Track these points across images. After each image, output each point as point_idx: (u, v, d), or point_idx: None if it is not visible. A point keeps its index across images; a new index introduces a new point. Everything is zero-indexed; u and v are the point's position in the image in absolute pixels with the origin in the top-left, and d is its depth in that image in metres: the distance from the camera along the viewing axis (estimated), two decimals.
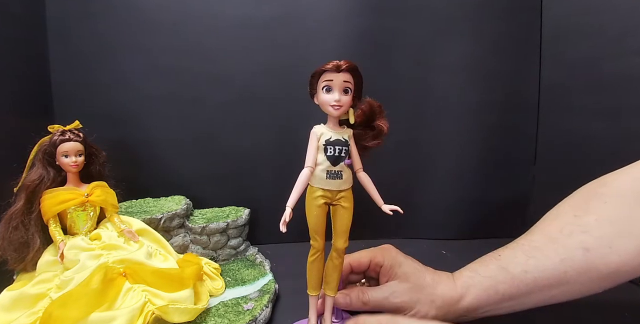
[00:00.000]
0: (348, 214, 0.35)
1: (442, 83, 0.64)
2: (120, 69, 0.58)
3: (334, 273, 0.36)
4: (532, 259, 0.35)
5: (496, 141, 0.67)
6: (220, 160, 0.62)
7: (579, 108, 0.58)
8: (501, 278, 0.36)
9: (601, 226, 0.33)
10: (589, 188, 0.37)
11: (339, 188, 0.34)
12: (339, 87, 0.33)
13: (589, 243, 0.33)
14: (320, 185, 0.34)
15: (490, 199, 0.67)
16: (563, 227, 0.35)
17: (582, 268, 0.33)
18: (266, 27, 0.60)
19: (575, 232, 0.34)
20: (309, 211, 0.34)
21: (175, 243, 0.53)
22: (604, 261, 0.32)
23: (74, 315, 0.33)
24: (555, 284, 0.34)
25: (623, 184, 0.34)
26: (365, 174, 0.36)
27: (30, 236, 0.41)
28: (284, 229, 0.32)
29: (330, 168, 0.34)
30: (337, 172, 0.34)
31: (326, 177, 0.34)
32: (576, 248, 0.33)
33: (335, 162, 0.34)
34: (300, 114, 0.61)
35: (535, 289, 0.34)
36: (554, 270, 0.34)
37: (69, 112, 0.56)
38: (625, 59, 0.50)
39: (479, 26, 0.64)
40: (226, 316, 0.41)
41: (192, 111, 0.61)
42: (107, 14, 0.57)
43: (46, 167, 0.42)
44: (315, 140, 0.34)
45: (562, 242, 0.34)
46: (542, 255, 0.35)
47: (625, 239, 0.32)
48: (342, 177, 0.34)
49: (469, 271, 0.38)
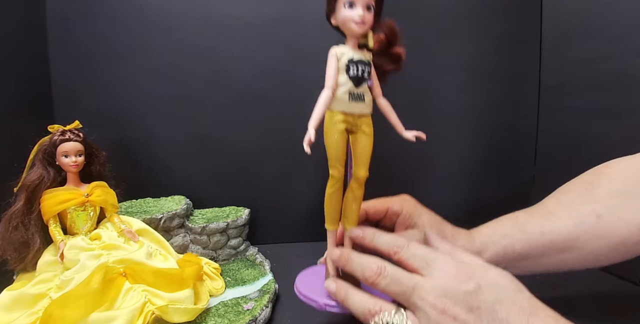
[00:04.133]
0: (369, 141, 0.32)
1: (442, 83, 0.64)
2: (120, 69, 0.58)
3: (353, 204, 0.33)
4: (548, 222, 0.36)
5: (496, 141, 0.67)
6: (220, 160, 0.62)
7: (579, 108, 0.58)
8: (518, 237, 0.37)
9: (611, 198, 0.35)
10: (595, 170, 0.39)
11: (361, 112, 0.32)
12: (362, 3, 0.30)
13: (600, 211, 0.35)
14: (341, 108, 0.31)
15: (490, 199, 0.67)
16: (575, 197, 0.37)
17: (594, 234, 0.35)
18: (266, 27, 0.60)
19: (587, 202, 0.36)
20: (329, 137, 0.31)
21: (175, 243, 0.53)
22: (613, 229, 0.34)
23: (74, 315, 0.33)
24: (568, 248, 0.35)
25: (626, 166, 0.36)
26: (385, 100, 0.33)
27: (30, 236, 0.40)
28: (309, 150, 0.29)
29: (352, 90, 0.31)
30: (360, 94, 0.31)
31: (349, 100, 0.31)
32: (589, 215, 0.35)
33: (359, 83, 0.31)
34: (300, 114, 0.61)
35: (550, 251, 0.36)
36: (568, 234, 0.35)
37: (69, 112, 0.56)
38: (625, 59, 0.50)
39: (479, 26, 0.64)
40: (226, 316, 0.41)
41: (192, 111, 0.61)
42: (107, 14, 0.57)
43: (46, 167, 0.42)
44: (335, 60, 0.31)
45: (575, 209, 0.36)
46: (557, 219, 0.36)
47: (632, 213, 0.34)
48: (365, 100, 0.32)
49: (487, 228, 0.39)
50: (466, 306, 0.25)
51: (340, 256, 0.32)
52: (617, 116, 0.52)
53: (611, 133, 0.53)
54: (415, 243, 0.30)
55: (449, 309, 0.25)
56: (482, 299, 0.25)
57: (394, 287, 0.28)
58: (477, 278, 0.27)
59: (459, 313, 0.25)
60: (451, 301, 0.25)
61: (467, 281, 0.26)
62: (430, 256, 0.29)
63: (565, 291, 0.47)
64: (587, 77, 0.57)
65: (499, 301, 0.25)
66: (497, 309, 0.25)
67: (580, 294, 0.47)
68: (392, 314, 0.27)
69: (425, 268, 0.28)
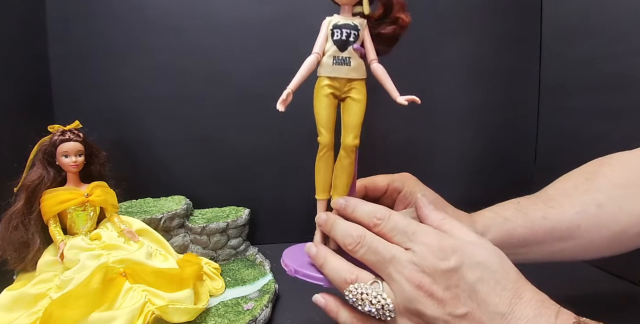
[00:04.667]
0: (359, 107, 0.32)
1: (442, 83, 0.64)
2: (120, 69, 0.58)
3: (342, 175, 0.32)
4: (550, 209, 0.36)
5: (496, 141, 0.67)
6: (220, 160, 0.62)
7: (579, 108, 0.58)
8: (521, 222, 0.36)
9: (612, 188, 0.35)
10: (596, 161, 0.38)
11: (346, 75, 0.31)
12: None
13: (601, 200, 0.34)
14: (326, 73, 0.31)
15: (490, 199, 0.67)
16: (577, 185, 0.36)
17: (595, 223, 0.34)
18: (266, 27, 0.60)
19: (589, 190, 0.35)
20: (316, 101, 0.32)
21: (175, 243, 0.53)
22: (614, 219, 0.34)
23: (74, 315, 0.33)
24: (568, 236, 0.35)
25: (628, 158, 0.36)
26: (380, 65, 0.32)
27: (30, 236, 0.40)
28: (281, 107, 0.30)
29: (337, 54, 0.31)
30: (344, 58, 0.31)
31: (332, 64, 0.31)
32: (590, 203, 0.35)
33: (342, 47, 0.31)
34: (300, 114, 0.61)
35: (550, 238, 0.35)
36: (569, 222, 0.35)
37: (69, 112, 0.56)
38: (625, 59, 0.50)
39: (479, 26, 0.64)
40: (226, 316, 0.41)
41: (192, 111, 0.61)
42: (107, 14, 0.57)
43: (46, 167, 0.42)
44: (326, 28, 0.32)
45: (577, 197, 0.36)
46: (559, 206, 0.36)
47: (633, 203, 0.33)
48: (351, 64, 0.31)
49: (489, 212, 0.38)
50: (444, 284, 0.24)
51: (327, 220, 0.31)
52: (617, 116, 0.52)
53: (611, 133, 0.53)
54: (397, 215, 0.28)
55: (425, 285, 0.24)
56: (462, 277, 0.24)
57: (371, 256, 0.27)
58: (461, 254, 0.25)
59: (435, 290, 0.24)
60: (428, 277, 0.24)
61: (448, 257, 0.25)
62: (411, 229, 0.27)
63: (565, 290, 0.47)
64: (587, 77, 0.57)
65: (481, 281, 0.24)
66: (477, 289, 0.24)
67: (580, 294, 0.47)
68: (368, 284, 0.26)
69: (407, 242, 0.26)
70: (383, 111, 0.52)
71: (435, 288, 0.24)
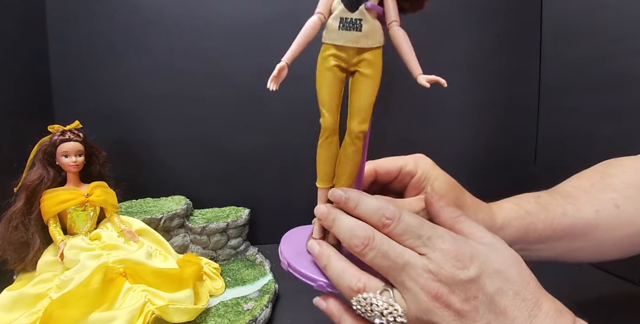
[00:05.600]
0: (368, 85, 0.26)
1: None
2: (120, 69, 0.58)
3: (345, 164, 0.28)
4: (569, 205, 0.34)
5: (496, 141, 0.67)
6: (220, 160, 0.62)
7: (579, 108, 0.58)
8: (542, 216, 0.34)
9: (626, 188, 0.34)
10: (606, 162, 0.38)
11: (356, 44, 0.25)
12: None
13: (619, 201, 0.34)
14: (331, 40, 0.25)
15: (490, 199, 0.67)
16: (594, 184, 0.36)
17: (613, 223, 0.33)
18: (266, 27, 0.60)
19: (606, 189, 0.35)
20: (318, 76, 0.26)
21: (175, 243, 0.53)
22: (631, 219, 0.33)
23: (74, 315, 0.33)
24: (586, 235, 0.34)
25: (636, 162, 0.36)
26: (401, 30, 0.26)
27: (30, 236, 0.41)
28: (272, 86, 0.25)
29: (344, 14, 0.24)
30: (353, 20, 0.24)
31: (338, 28, 0.24)
32: (609, 203, 0.34)
33: (352, 5, 0.24)
34: (300, 114, 0.61)
35: (568, 235, 0.34)
36: (588, 219, 0.34)
37: (69, 112, 0.56)
38: (625, 59, 0.50)
39: (479, 26, 0.64)
40: (226, 316, 0.41)
41: (192, 111, 0.61)
42: (107, 14, 0.57)
43: (46, 167, 0.42)
44: None
45: (595, 195, 0.35)
46: (579, 203, 0.34)
47: None
48: (362, 28, 0.24)
49: (510, 203, 0.36)
50: (462, 295, 0.22)
51: (327, 215, 0.27)
52: (617, 116, 0.52)
53: (611, 133, 0.53)
54: (408, 214, 0.25)
55: (443, 296, 0.22)
56: (481, 288, 0.23)
57: (381, 261, 0.24)
58: (479, 262, 0.23)
59: (453, 302, 0.22)
60: (446, 287, 0.23)
61: (467, 266, 0.23)
62: (425, 232, 0.24)
63: (565, 290, 0.46)
64: (587, 77, 0.57)
65: (500, 292, 0.23)
66: (496, 301, 0.22)
67: (580, 294, 0.47)
68: (377, 293, 0.24)
69: (421, 247, 0.24)
70: (383, 111, 0.52)
71: (453, 299, 0.22)
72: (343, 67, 0.25)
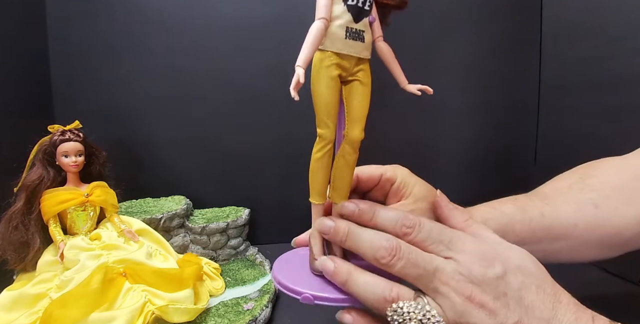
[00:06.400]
0: (367, 93, 0.26)
1: (442, 83, 0.64)
2: (120, 69, 0.58)
3: (345, 173, 0.27)
4: (547, 206, 0.35)
5: (496, 141, 0.67)
6: (220, 160, 0.62)
7: (579, 108, 0.58)
8: (519, 218, 0.34)
9: (606, 188, 0.34)
10: (589, 163, 0.38)
11: (359, 54, 0.25)
12: None
13: (598, 201, 0.34)
14: (336, 48, 0.25)
15: (490, 198, 0.67)
16: (572, 184, 0.36)
17: (592, 223, 0.33)
18: (266, 27, 0.60)
19: (584, 189, 0.35)
20: (318, 84, 0.25)
21: (175, 243, 0.53)
22: (610, 219, 0.33)
23: (74, 315, 0.33)
24: (565, 236, 0.34)
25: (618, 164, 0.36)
26: (387, 44, 0.27)
27: (30, 236, 0.41)
28: (296, 95, 0.24)
29: (350, 24, 0.25)
30: (358, 31, 0.25)
31: (345, 37, 0.25)
32: (587, 203, 0.34)
33: (358, 16, 0.25)
34: (300, 114, 0.61)
35: (547, 237, 0.34)
36: (567, 219, 0.34)
37: (69, 112, 0.56)
38: (625, 59, 0.50)
39: (479, 26, 0.64)
40: (226, 316, 0.41)
41: (192, 111, 0.61)
42: (107, 14, 0.57)
43: (46, 167, 0.42)
44: None
45: (573, 196, 0.35)
46: (556, 204, 0.35)
47: (627, 205, 0.33)
48: (364, 39, 0.25)
49: (486, 206, 0.36)
50: (493, 293, 0.23)
51: (337, 229, 0.26)
52: (617, 116, 0.52)
53: (611, 133, 0.53)
54: (427, 221, 0.26)
55: (477, 296, 0.22)
56: (509, 284, 0.23)
57: (412, 270, 0.24)
58: (501, 260, 0.24)
59: (486, 301, 0.22)
60: (478, 287, 0.23)
61: (493, 264, 0.23)
62: (446, 236, 0.25)
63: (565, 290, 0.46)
64: (587, 77, 0.57)
65: (525, 287, 0.23)
66: (522, 295, 0.23)
67: (580, 294, 0.47)
68: (412, 301, 0.23)
69: (445, 251, 0.24)
70: (382, 110, 0.52)
71: (485, 298, 0.23)
72: (343, 76, 0.26)
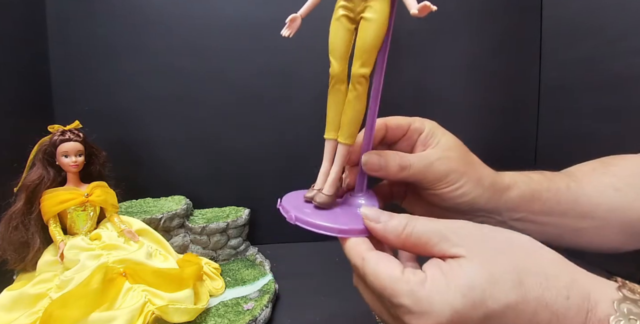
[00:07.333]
0: (371, 28, 0.26)
1: (442, 83, 0.64)
2: (120, 69, 0.58)
3: (348, 109, 0.28)
4: (573, 182, 0.34)
5: (496, 141, 0.67)
6: (220, 160, 0.62)
7: (579, 108, 0.58)
8: (546, 185, 0.34)
9: (627, 176, 0.34)
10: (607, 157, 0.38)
11: None
12: None
13: (618, 185, 0.33)
14: None
15: None
16: (595, 168, 0.36)
17: (613, 206, 0.33)
18: (266, 27, 0.60)
19: (606, 174, 0.35)
20: (331, 28, 0.28)
21: (175, 243, 0.53)
22: (631, 204, 0.33)
23: (74, 315, 0.33)
24: (589, 214, 0.34)
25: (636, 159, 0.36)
26: None
27: (30, 236, 0.41)
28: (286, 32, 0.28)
29: None
30: None
31: None
32: (608, 186, 0.34)
33: None
34: (300, 114, 0.62)
35: (572, 211, 0.34)
36: (590, 197, 0.34)
37: (69, 112, 0.56)
38: (625, 59, 0.50)
39: (479, 26, 0.64)
40: (226, 316, 0.41)
41: (192, 111, 0.61)
42: (107, 14, 0.57)
43: (46, 167, 0.42)
44: None
45: (596, 178, 0.35)
46: (581, 182, 0.34)
47: None
48: None
49: (514, 173, 0.36)
50: None
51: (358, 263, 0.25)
52: (617, 116, 0.52)
53: (611, 133, 0.53)
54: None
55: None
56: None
57: None
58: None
59: None
60: None
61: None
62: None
63: None
64: (587, 77, 0.57)
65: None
66: None
67: None
68: None
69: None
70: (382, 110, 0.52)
71: None
72: (351, 17, 0.26)
